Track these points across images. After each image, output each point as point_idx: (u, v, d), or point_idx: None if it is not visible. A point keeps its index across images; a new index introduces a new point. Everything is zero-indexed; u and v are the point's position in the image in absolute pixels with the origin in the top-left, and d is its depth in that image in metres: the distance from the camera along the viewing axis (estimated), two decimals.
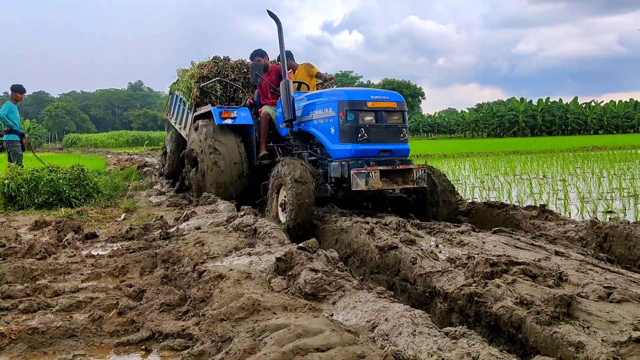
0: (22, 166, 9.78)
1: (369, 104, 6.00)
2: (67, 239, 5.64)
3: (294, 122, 6.82)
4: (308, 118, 6.63)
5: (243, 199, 7.48)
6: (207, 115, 8.35)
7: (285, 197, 5.88)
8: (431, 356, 2.33)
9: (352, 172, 5.70)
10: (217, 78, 9.21)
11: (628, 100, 68.32)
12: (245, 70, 9.61)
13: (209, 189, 7.64)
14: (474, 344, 2.40)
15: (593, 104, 68.07)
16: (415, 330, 2.60)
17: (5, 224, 6.74)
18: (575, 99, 67.18)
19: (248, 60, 9.15)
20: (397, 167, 5.87)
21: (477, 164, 15.94)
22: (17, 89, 10.88)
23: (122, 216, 7.43)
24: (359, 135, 5.93)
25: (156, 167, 14.16)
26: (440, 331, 2.60)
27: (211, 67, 9.49)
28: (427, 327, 2.64)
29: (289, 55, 8.21)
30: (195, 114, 9.04)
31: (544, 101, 65.50)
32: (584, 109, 66.60)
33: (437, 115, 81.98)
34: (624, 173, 11.76)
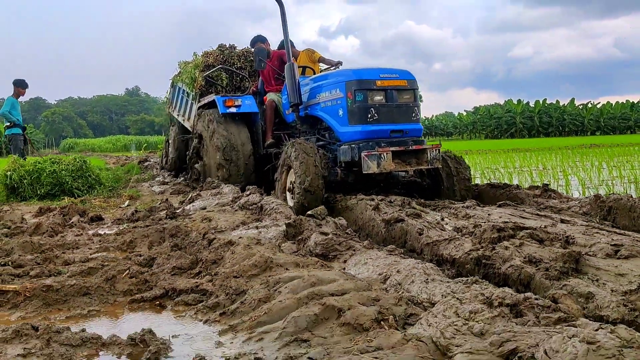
0: (25, 158, 9.79)
1: (378, 83, 5.77)
2: (72, 221, 5.65)
3: (300, 107, 6.62)
4: (315, 101, 6.43)
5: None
6: (212, 105, 8.23)
7: (293, 180, 5.72)
8: (445, 297, 2.36)
9: (362, 154, 5.48)
10: (222, 66, 9.05)
11: (624, 102, 68.57)
12: (252, 59, 9.06)
13: (215, 177, 7.56)
14: (486, 288, 2.44)
15: (590, 105, 68.27)
16: (427, 279, 2.63)
17: (10, 211, 6.75)
18: (572, 100, 67.36)
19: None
20: (410, 148, 5.64)
21: (477, 160, 15.97)
22: (20, 84, 10.90)
23: (126, 203, 7.44)
24: (369, 115, 5.70)
25: (157, 162, 14.16)
26: (452, 279, 2.64)
27: (217, 56, 9.34)
28: (439, 276, 2.67)
29: (282, 48, 7.80)
30: (200, 104, 8.94)
31: (541, 103, 65.68)
32: (581, 111, 66.82)
33: (434, 118, 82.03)
34: (623, 165, 11.80)
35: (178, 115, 10.79)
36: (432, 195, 5.97)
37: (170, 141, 11.57)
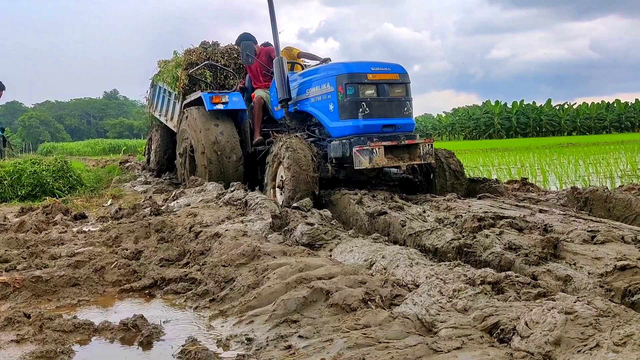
0: (4, 159, 9.72)
1: (370, 77, 5.65)
2: (56, 219, 5.64)
3: (289, 102, 6.47)
4: (304, 96, 6.27)
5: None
6: (198, 102, 8.01)
7: (283, 176, 5.62)
8: (429, 278, 2.44)
9: (354, 149, 5.37)
10: (207, 62, 8.83)
11: (600, 103, 69.62)
12: (236, 55, 9.09)
13: (203, 177, 7.37)
14: (468, 270, 2.52)
15: (566, 106, 69.20)
16: (412, 263, 2.72)
17: None
18: (549, 101, 68.19)
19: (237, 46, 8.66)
20: (403, 143, 5.52)
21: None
22: None
23: (109, 202, 7.43)
24: (360, 110, 5.57)
25: (138, 163, 14.11)
26: (435, 263, 2.72)
27: (200, 53, 9.12)
28: (423, 260, 2.75)
29: (268, 45, 7.81)
30: (185, 102, 8.72)
31: (518, 104, 66.41)
32: (558, 111, 67.67)
33: (414, 119, 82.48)
34: (599, 162, 12.03)
35: (160, 115, 10.52)
36: (424, 192, 5.90)
37: (152, 141, 11.37)
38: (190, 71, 8.85)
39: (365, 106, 5.58)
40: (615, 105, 68.14)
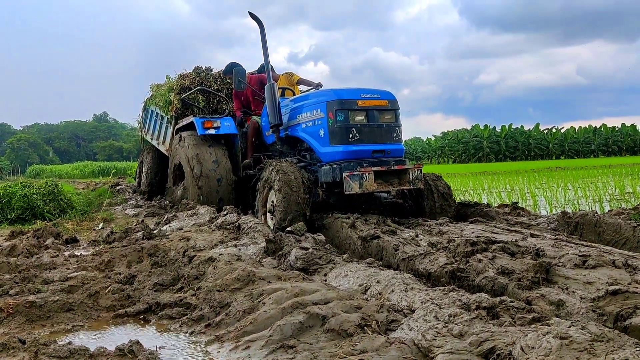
0: None
1: (360, 103, 5.73)
2: (47, 243, 5.62)
3: (280, 128, 6.56)
4: (295, 122, 6.37)
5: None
6: (190, 127, 8.12)
7: (274, 200, 5.66)
8: (424, 304, 2.46)
9: (344, 174, 5.41)
10: (199, 87, 8.93)
11: (587, 127, 70.42)
12: (228, 80, 9.01)
13: (194, 201, 7.40)
14: (463, 295, 2.54)
15: (554, 130, 69.92)
16: (407, 288, 2.73)
17: None
18: (537, 125, 68.92)
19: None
20: (392, 168, 5.59)
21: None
22: None
23: (100, 225, 7.40)
24: (350, 135, 5.65)
25: (129, 186, 14.08)
26: (430, 288, 2.74)
27: (193, 78, 9.26)
28: (418, 285, 2.77)
29: (262, 71, 7.80)
30: (177, 126, 8.81)
31: (507, 128, 67.04)
32: (546, 135, 68.38)
33: (403, 142, 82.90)
34: (588, 186, 12.13)
35: (152, 139, 10.59)
36: (414, 216, 5.94)
37: (144, 164, 11.41)
38: (183, 95, 8.91)
39: (355, 132, 5.65)
40: (602, 129, 68.99)
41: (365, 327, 2.26)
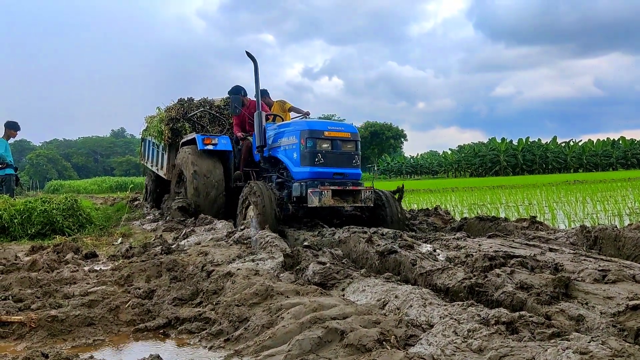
0: (15, 199, 9.80)
1: (326, 133, 6.86)
2: (67, 258, 5.67)
3: (264, 149, 7.71)
4: (277, 145, 7.49)
5: (220, 216, 8.23)
6: (193, 142, 9.15)
7: (252, 214, 6.64)
8: (443, 319, 2.46)
9: (308, 191, 6.45)
10: (203, 109, 10.48)
11: (605, 140, 69.83)
12: (209, 107, 10.81)
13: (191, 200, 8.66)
14: (482, 310, 2.54)
15: (572, 143, 69.42)
16: (425, 303, 2.73)
17: (1, 249, 6.74)
18: (555, 138, 68.53)
19: (211, 98, 10.90)
20: (348, 188, 6.64)
21: (463, 196, 16.18)
22: (12, 126, 11.05)
23: (119, 240, 7.47)
24: (316, 159, 6.75)
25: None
26: (449, 303, 2.73)
27: (178, 109, 10.59)
28: (436, 300, 2.77)
29: (265, 92, 9.35)
30: (182, 140, 9.91)
31: (524, 141, 66.69)
32: (564, 148, 67.93)
33: (419, 156, 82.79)
34: (607, 200, 12.02)
35: (152, 166, 12.01)
36: (369, 226, 6.57)
37: (149, 186, 13.19)
38: (171, 126, 10.43)
39: (320, 156, 6.79)
40: (620, 142, 68.32)
41: (384, 342, 2.27)
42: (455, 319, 2.35)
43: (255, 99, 8.49)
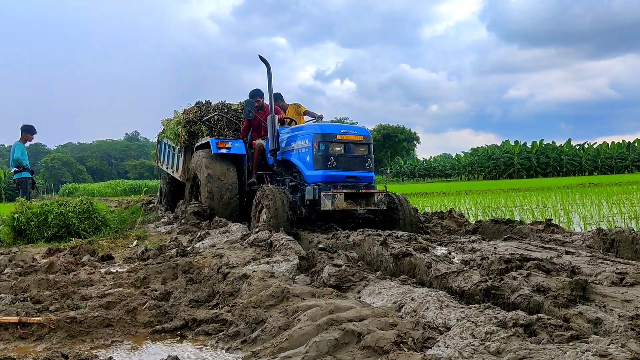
0: (31, 201, 9.89)
1: (339, 137, 6.87)
2: (83, 260, 5.73)
3: (277, 152, 7.74)
4: (290, 148, 7.50)
5: (234, 219, 8.31)
6: (207, 146, 9.23)
7: (264, 218, 6.74)
8: (460, 321, 2.45)
9: (321, 194, 6.48)
10: (216, 113, 10.48)
11: (621, 142, 69.19)
12: (226, 110, 10.80)
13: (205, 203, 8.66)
14: (499, 312, 2.53)
15: (587, 145, 68.86)
16: (442, 305, 2.73)
17: (19, 252, 6.81)
18: (569, 141, 68.00)
19: (229, 102, 10.91)
20: (361, 191, 6.63)
21: (477, 199, 16.12)
22: (28, 130, 11.16)
23: (135, 242, 7.52)
24: (329, 162, 6.76)
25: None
26: (465, 305, 2.73)
27: (195, 112, 10.63)
28: (453, 302, 2.77)
29: (279, 96, 9.33)
30: (197, 144, 9.96)
31: (538, 143, 66.25)
32: (578, 151, 67.37)
33: (432, 159, 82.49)
34: (623, 202, 11.91)
35: (167, 168, 12.07)
36: (383, 229, 6.54)
37: (163, 189, 13.23)
38: (188, 128, 10.45)
39: (333, 160, 6.80)
40: (636, 144, 67.59)
41: (401, 345, 2.27)
42: (473, 322, 2.34)
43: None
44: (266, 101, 9.11)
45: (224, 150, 8.76)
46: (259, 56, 7.83)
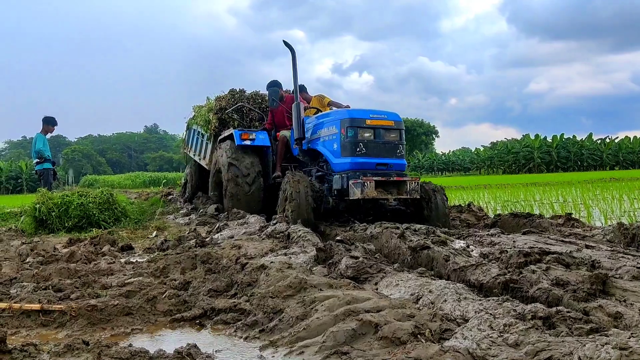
0: (53, 191, 10.02)
1: (368, 122, 6.49)
2: (104, 250, 5.80)
3: (303, 141, 7.43)
4: (316, 136, 7.22)
5: (258, 212, 8.07)
6: (231, 138, 9.02)
7: (287, 207, 6.45)
8: (478, 313, 2.45)
9: (350, 182, 6.16)
10: (239, 104, 10.07)
11: None
12: (260, 100, 10.42)
13: (228, 202, 8.34)
14: (518, 305, 2.52)
15: (608, 140, 68.02)
16: (460, 297, 2.72)
17: (40, 241, 6.91)
18: (590, 135, 67.25)
19: (262, 92, 10.38)
20: (392, 179, 6.28)
21: (497, 193, 16.00)
22: (49, 122, 11.27)
23: (154, 233, 7.59)
24: (358, 149, 6.41)
25: (180, 195, 14.52)
26: (483, 298, 2.72)
27: (228, 99, 10.37)
28: (471, 295, 2.76)
29: (303, 88, 9.10)
30: (220, 137, 9.74)
31: (558, 138, 65.57)
32: (599, 145, 66.59)
33: (451, 153, 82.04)
34: None
35: (194, 155, 11.78)
36: (414, 222, 6.35)
37: (188, 178, 12.80)
38: (227, 111, 10.10)
39: (362, 146, 6.44)
40: None
41: (419, 336, 2.27)
42: (491, 314, 2.34)
43: (291, 93, 8.41)
44: (290, 88, 9.01)
45: (247, 142, 8.52)
46: (284, 41, 7.56)
